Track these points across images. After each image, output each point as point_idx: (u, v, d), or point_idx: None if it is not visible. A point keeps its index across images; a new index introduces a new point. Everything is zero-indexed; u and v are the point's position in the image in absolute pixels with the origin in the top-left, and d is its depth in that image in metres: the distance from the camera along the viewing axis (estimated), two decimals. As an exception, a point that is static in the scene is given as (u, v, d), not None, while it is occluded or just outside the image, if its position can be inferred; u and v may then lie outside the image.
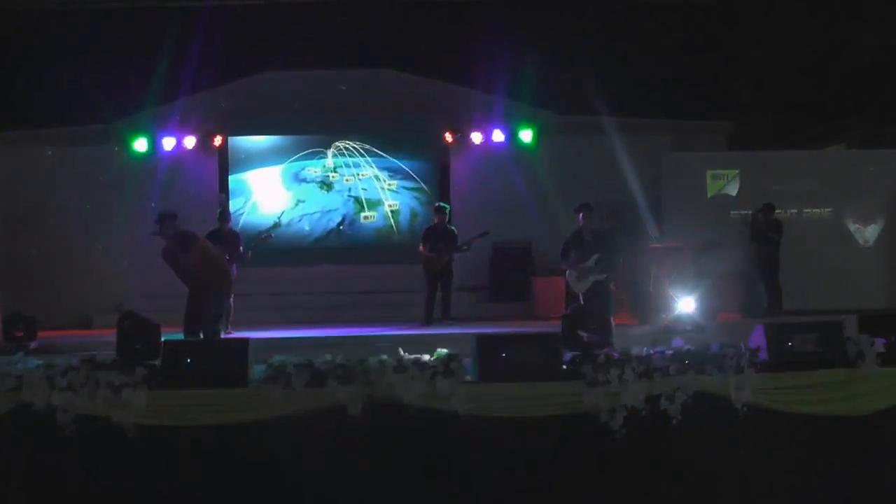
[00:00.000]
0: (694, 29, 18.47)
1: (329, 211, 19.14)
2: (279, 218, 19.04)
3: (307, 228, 19.07)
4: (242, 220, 18.66)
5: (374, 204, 19.17)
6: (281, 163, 19.09)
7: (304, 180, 19.18)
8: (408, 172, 19.10)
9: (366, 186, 19.11)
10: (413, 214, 19.09)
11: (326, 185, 19.16)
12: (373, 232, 19.14)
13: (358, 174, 19.08)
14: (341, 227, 19.04)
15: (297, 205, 19.12)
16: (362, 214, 19.11)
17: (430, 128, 19.02)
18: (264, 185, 19.08)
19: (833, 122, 21.14)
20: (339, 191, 19.18)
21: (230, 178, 18.99)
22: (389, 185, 19.09)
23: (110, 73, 17.03)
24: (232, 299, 14.00)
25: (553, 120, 18.64)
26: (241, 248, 14.35)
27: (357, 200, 19.13)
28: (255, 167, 19.10)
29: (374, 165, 19.10)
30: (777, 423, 6.87)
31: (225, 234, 14.20)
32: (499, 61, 17.78)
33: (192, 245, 11.27)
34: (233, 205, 18.50)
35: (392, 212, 19.12)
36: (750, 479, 6.86)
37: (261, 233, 16.54)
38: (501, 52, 17.64)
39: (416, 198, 19.11)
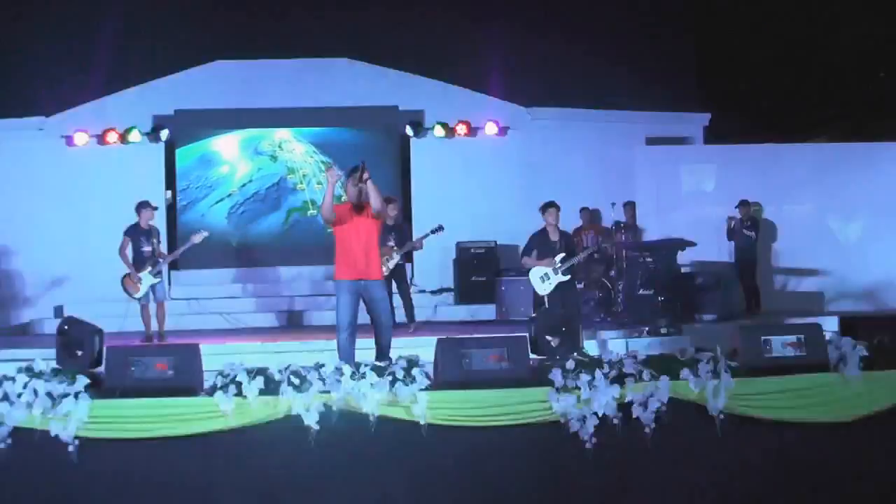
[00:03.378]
0: (668, 14, 18.53)
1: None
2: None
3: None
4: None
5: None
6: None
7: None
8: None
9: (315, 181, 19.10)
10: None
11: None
12: (320, 230, 18.90)
13: (306, 170, 19.03)
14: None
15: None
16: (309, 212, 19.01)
17: (389, 121, 18.97)
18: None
19: (815, 114, 21.28)
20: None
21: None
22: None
23: (48, 63, 16.89)
24: (166, 305, 13.95)
25: (520, 112, 18.67)
26: (162, 245, 14.25)
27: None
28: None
29: (319, 155, 19.06)
30: (755, 431, 6.93)
31: (146, 229, 13.88)
32: (463, 51, 17.79)
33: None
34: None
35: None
36: (728, 488, 6.91)
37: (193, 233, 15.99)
38: (466, 41, 17.64)
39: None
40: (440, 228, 14.54)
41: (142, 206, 13.91)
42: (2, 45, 16.70)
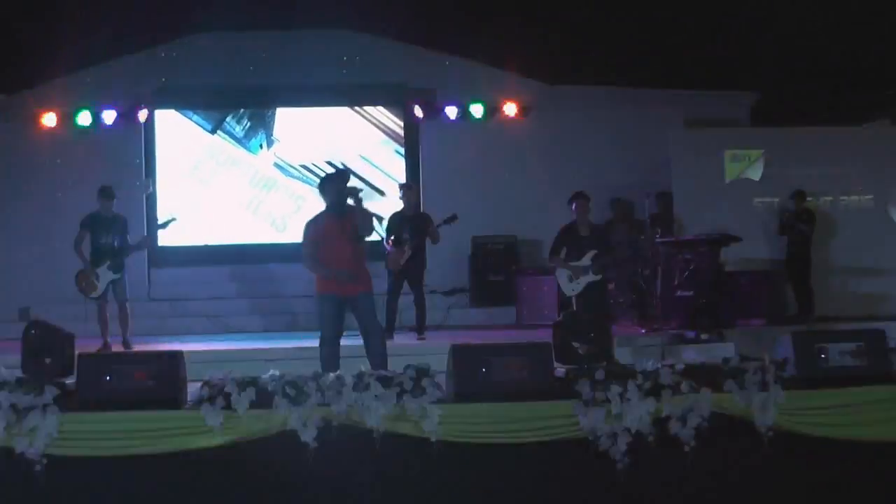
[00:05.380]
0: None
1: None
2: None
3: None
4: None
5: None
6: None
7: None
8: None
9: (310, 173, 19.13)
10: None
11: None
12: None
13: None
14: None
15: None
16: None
17: (396, 100, 18.97)
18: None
19: (875, 94, 21.19)
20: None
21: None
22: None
23: (13, 35, 16.92)
24: (128, 304, 13.82)
25: (543, 91, 18.65)
26: (129, 235, 14.11)
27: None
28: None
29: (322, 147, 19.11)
30: (808, 450, 6.91)
31: (108, 218, 13.82)
32: (479, 23, 17.76)
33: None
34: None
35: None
36: (776, 515, 6.91)
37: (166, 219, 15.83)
38: (482, 11, 17.61)
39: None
40: (454, 217, 14.42)
41: (102, 192, 13.88)
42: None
